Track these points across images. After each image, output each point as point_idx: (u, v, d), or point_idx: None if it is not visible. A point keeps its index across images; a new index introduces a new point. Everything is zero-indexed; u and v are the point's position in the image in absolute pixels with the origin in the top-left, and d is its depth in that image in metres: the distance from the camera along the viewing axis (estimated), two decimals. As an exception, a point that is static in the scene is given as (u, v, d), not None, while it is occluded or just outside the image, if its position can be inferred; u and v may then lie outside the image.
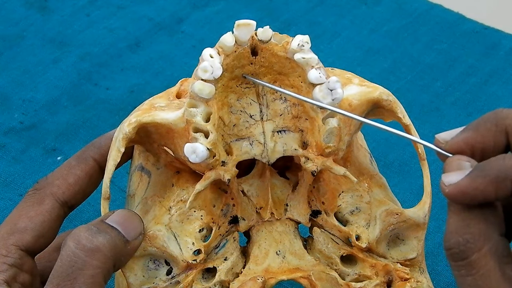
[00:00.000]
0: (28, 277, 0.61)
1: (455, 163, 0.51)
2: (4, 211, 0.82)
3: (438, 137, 0.53)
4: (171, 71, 0.96)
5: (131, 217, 0.60)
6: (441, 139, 0.53)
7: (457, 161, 0.51)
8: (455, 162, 0.51)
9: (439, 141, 0.53)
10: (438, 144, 0.53)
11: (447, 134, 0.53)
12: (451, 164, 0.52)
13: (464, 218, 0.50)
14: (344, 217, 0.63)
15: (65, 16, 1.02)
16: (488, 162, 0.50)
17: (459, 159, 0.51)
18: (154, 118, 0.59)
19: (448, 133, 0.53)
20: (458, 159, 0.51)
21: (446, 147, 0.52)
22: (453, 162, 0.52)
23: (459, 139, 0.52)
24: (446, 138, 0.53)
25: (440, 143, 0.53)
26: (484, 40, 1.00)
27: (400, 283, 0.63)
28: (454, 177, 0.50)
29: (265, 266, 0.62)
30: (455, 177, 0.50)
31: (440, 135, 0.53)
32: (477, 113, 0.92)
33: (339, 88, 0.58)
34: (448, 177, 0.51)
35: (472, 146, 0.52)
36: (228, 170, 0.60)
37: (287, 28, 1.01)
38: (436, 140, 0.53)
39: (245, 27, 0.58)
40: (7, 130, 0.90)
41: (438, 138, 0.53)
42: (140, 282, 0.61)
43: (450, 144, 0.52)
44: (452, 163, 0.52)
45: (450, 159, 0.52)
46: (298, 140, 0.61)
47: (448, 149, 0.52)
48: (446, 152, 0.52)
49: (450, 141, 0.52)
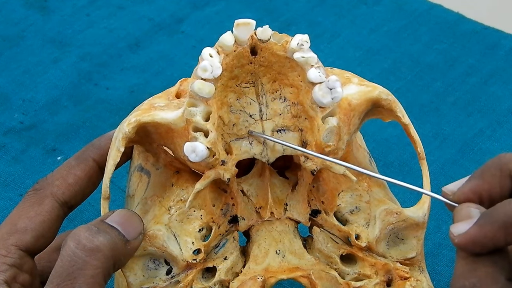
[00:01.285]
0: (28, 277, 0.61)
1: (463, 211, 0.52)
2: (4, 211, 0.82)
3: (445, 189, 0.54)
4: (171, 71, 0.96)
5: (131, 217, 0.60)
6: (448, 191, 0.53)
7: (465, 209, 0.52)
8: (464, 210, 0.52)
9: (446, 193, 0.53)
10: (446, 195, 0.53)
11: (454, 185, 0.53)
12: (460, 213, 0.52)
13: (472, 262, 0.51)
14: (343, 216, 0.63)
15: (65, 16, 1.02)
16: (495, 208, 0.50)
17: (468, 206, 0.52)
18: (154, 118, 0.59)
19: (455, 184, 0.54)
20: (466, 207, 0.52)
21: (454, 198, 0.53)
22: (462, 210, 0.52)
23: (466, 189, 0.52)
24: (453, 189, 0.53)
25: (447, 194, 0.53)
26: (484, 40, 1.00)
27: (399, 282, 0.63)
28: (463, 227, 0.51)
29: (265, 266, 0.62)
30: (464, 226, 0.51)
31: (447, 187, 0.54)
32: (477, 113, 0.92)
33: (338, 87, 0.58)
34: (457, 227, 0.51)
35: (479, 194, 0.52)
36: (228, 170, 0.60)
37: (287, 28, 1.01)
38: (443, 192, 0.54)
39: (245, 27, 0.58)
40: (7, 130, 0.90)
41: (445, 190, 0.54)
42: (140, 281, 0.61)
43: (458, 194, 0.53)
44: (461, 211, 0.52)
45: (458, 208, 0.52)
46: (297, 140, 0.61)
47: (455, 199, 0.53)
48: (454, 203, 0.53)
49: (457, 192, 0.53)
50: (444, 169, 0.86)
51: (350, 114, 0.60)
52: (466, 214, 0.51)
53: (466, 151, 0.88)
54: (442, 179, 0.84)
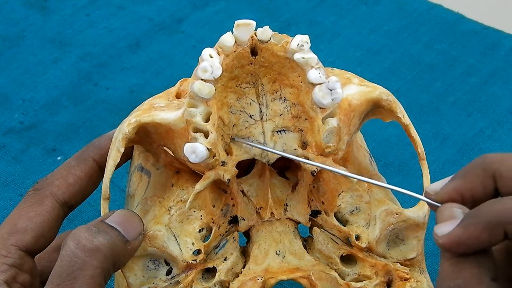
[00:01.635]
0: (28, 277, 0.61)
1: (446, 211, 0.51)
2: (4, 211, 0.82)
3: (427, 189, 0.53)
4: (171, 71, 0.96)
5: (131, 217, 0.60)
6: (431, 191, 0.53)
7: (448, 209, 0.51)
8: (447, 210, 0.51)
9: (429, 193, 0.53)
10: (429, 195, 0.53)
11: (437, 184, 0.53)
12: (443, 213, 0.52)
13: (457, 263, 0.50)
14: (343, 217, 0.63)
15: (65, 16, 1.02)
16: (478, 208, 0.50)
17: (450, 206, 0.51)
18: (154, 118, 0.59)
19: (438, 183, 0.53)
20: (449, 207, 0.52)
21: (437, 198, 0.53)
22: (445, 211, 0.52)
23: (449, 189, 0.52)
24: (436, 189, 0.53)
25: (430, 194, 0.53)
26: (484, 40, 1.00)
27: (400, 283, 0.63)
28: (447, 227, 0.50)
29: (265, 266, 0.62)
30: (448, 227, 0.50)
31: (429, 187, 0.53)
32: (477, 113, 0.92)
33: (338, 88, 0.58)
34: (441, 228, 0.51)
35: (462, 194, 0.52)
36: (228, 170, 0.60)
37: (287, 28, 1.01)
38: (426, 192, 0.54)
39: (245, 27, 0.58)
40: (7, 130, 0.90)
41: (428, 190, 0.53)
42: (140, 282, 0.61)
43: (440, 194, 0.53)
44: (444, 212, 0.52)
45: (441, 208, 0.52)
46: (297, 140, 0.61)
47: (438, 199, 0.53)
48: (437, 203, 0.53)
49: (440, 191, 0.53)
50: (444, 169, 0.86)
51: (351, 115, 0.60)
52: (449, 215, 0.51)
53: (466, 151, 0.88)
54: (442, 179, 0.84)
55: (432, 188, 0.53)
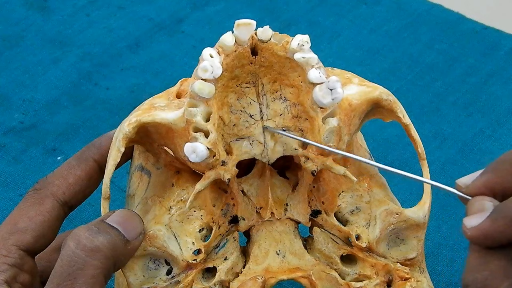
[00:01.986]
0: (28, 277, 0.61)
1: (476, 204, 0.51)
2: (4, 211, 0.82)
3: (458, 182, 0.53)
4: (171, 71, 0.96)
5: (131, 217, 0.60)
6: (462, 184, 0.53)
7: (478, 202, 0.51)
8: (477, 203, 0.51)
9: (460, 186, 0.53)
10: (459, 188, 0.53)
11: (467, 178, 0.53)
12: (473, 206, 0.52)
13: (484, 255, 0.50)
14: (344, 216, 0.63)
15: (65, 16, 1.02)
16: (508, 201, 0.50)
17: (481, 199, 0.52)
18: (154, 118, 0.59)
19: (468, 177, 0.53)
20: (480, 200, 0.52)
21: (467, 191, 0.53)
22: (475, 203, 0.52)
23: (479, 183, 0.52)
24: (466, 183, 0.53)
25: (460, 187, 0.53)
26: (484, 40, 1.00)
27: (400, 283, 0.63)
28: (475, 220, 0.50)
29: (265, 266, 0.62)
30: (476, 220, 0.50)
31: (460, 180, 0.53)
32: (477, 113, 0.92)
33: (339, 88, 0.58)
34: (469, 220, 0.51)
35: (492, 188, 0.52)
36: (228, 170, 0.60)
37: (287, 28, 1.01)
38: (457, 185, 0.53)
39: (245, 27, 0.58)
40: (7, 130, 0.90)
41: (459, 183, 0.53)
42: (140, 282, 0.61)
43: (471, 188, 0.53)
44: (474, 204, 0.52)
45: (472, 200, 0.52)
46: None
47: (469, 193, 0.53)
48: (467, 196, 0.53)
49: (470, 185, 0.53)
50: (444, 169, 0.86)
51: (351, 115, 0.60)
52: (480, 207, 0.51)
53: (466, 151, 0.88)
54: (443, 179, 0.84)
55: (463, 181, 0.53)
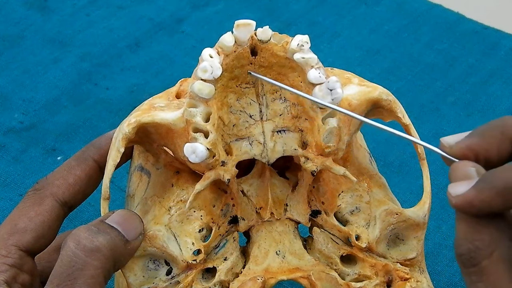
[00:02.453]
0: (28, 277, 0.61)
1: (461, 169, 0.51)
2: (4, 211, 0.82)
3: (443, 141, 0.52)
4: (171, 71, 0.96)
5: (131, 217, 0.60)
6: (446, 143, 0.52)
7: (463, 167, 0.51)
8: (461, 169, 0.51)
9: (444, 145, 0.52)
10: (443, 148, 0.52)
11: (452, 138, 0.52)
12: (457, 170, 0.51)
13: (474, 224, 0.50)
14: (344, 217, 0.63)
15: (65, 16, 1.02)
16: (494, 172, 0.49)
17: (465, 165, 0.51)
18: (154, 118, 0.59)
19: (453, 137, 0.52)
20: (464, 165, 0.51)
21: (451, 152, 0.52)
22: (459, 169, 0.51)
23: (464, 145, 0.51)
24: (450, 143, 0.52)
25: (444, 147, 0.52)
26: (484, 40, 1.00)
27: (400, 283, 0.63)
28: (461, 188, 0.50)
29: (265, 266, 0.62)
30: (462, 188, 0.50)
31: (445, 139, 0.52)
32: (477, 113, 0.92)
33: (338, 88, 0.58)
34: (455, 187, 0.50)
35: (476, 152, 0.51)
36: (228, 170, 0.60)
37: (287, 28, 1.01)
38: (441, 144, 0.52)
39: (245, 27, 0.58)
40: (7, 130, 0.90)
41: (443, 141, 0.52)
42: (140, 282, 0.61)
43: (455, 149, 0.52)
44: (458, 169, 0.51)
45: (456, 165, 0.51)
46: (297, 140, 0.61)
47: (452, 153, 0.52)
48: (451, 157, 0.52)
49: (454, 146, 0.52)
50: (444, 169, 0.85)
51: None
52: (464, 173, 0.50)
53: (466, 151, 0.88)
54: (443, 179, 0.84)
55: (447, 140, 0.52)
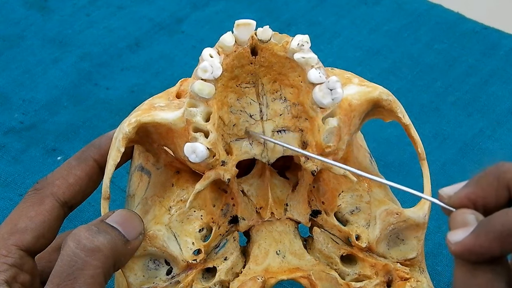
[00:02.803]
0: (28, 277, 0.61)
1: (459, 218, 0.51)
2: (4, 211, 0.82)
3: (441, 192, 0.53)
4: (171, 71, 0.96)
5: (131, 217, 0.60)
6: (445, 194, 0.53)
7: (461, 215, 0.51)
8: (460, 216, 0.51)
9: (443, 196, 0.53)
10: (442, 199, 0.53)
11: (450, 189, 0.53)
12: (456, 218, 0.51)
13: (471, 269, 0.50)
14: (344, 217, 0.63)
15: (65, 16, 1.02)
16: (491, 218, 0.50)
17: (463, 213, 0.51)
18: (154, 118, 0.59)
19: (451, 188, 0.53)
20: (462, 213, 0.51)
21: (449, 202, 0.53)
22: (458, 216, 0.51)
23: (462, 195, 0.52)
24: (449, 193, 0.53)
25: (443, 198, 0.53)
26: (484, 40, 1.00)
27: (400, 283, 0.63)
28: (459, 235, 0.50)
29: (265, 266, 0.62)
30: (460, 235, 0.50)
31: (443, 190, 0.53)
32: (477, 113, 0.92)
33: (339, 88, 0.58)
34: (453, 235, 0.51)
35: (474, 201, 0.52)
36: (228, 170, 0.60)
37: (287, 28, 1.01)
38: (440, 195, 0.53)
39: (245, 27, 0.58)
40: (7, 130, 0.90)
41: (442, 193, 0.53)
42: (140, 282, 0.61)
43: (453, 199, 0.52)
44: (457, 217, 0.51)
45: (455, 213, 0.52)
46: (298, 140, 0.61)
47: (451, 204, 0.52)
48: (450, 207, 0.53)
49: (453, 196, 0.52)
50: (444, 169, 0.86)
51: (351, 115, 0.60)
52: (463, 221, 0.51)
53: (466, 151, 0.88)
54: (442, 179, 0.84)
55: (446, 191, 0.53)
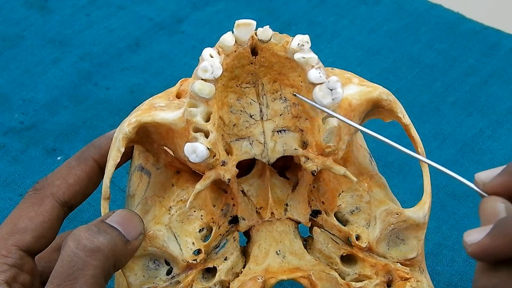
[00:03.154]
0: (28, 277, 0.61)
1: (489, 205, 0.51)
2: (4, 211, 0.82)
3: (477, 178, 0.53)
4: (171, 71, 0.96)
5: (131, 217, 0.60)
6: (479, 180, 0.52)
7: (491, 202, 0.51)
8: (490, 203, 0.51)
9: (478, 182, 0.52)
10: (477, 184, 0.53)
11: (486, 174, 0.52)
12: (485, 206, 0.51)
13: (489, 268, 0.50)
14: (344, 217, 0.63)
15: (65, 16, 1.02)
16: (508, 218, 0.49)
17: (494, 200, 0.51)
18: (154, 118, 0.59)
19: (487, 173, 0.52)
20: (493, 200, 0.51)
21: (484, 189, 0.52)
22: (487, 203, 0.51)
23: (497, 183, 0.52)
24: (484, 179, 0.52)
25: (478, 183, 0.52)
26: (484, 40, 1.00)
27: (400, 283, 0.63)
28: (475, 236, 0.50)
29: (265, 266, 0.62)
30: (476, 235, 0.50)
31: (478, 175, 0.53)
32: (477, 113, 0.92)
33: (339, 88, 0.58)
34: (470, 235, 0.50)
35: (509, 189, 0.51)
36: (228, 170, 0.60)
37: (287, 28, 1.01)
38: (475, 180, 0.53)
39: (245, 27, 0.58)
40: (7, 130, 0.90)
41: (477, 178, 0.53)
42: (140, 282, 0.61)
43: (488, 186, 0.52)
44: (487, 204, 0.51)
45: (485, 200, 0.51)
46: (298, 140, 0.61)
47: (485, 191, 0.52)
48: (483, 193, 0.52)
49: (488, 183, 0.52)
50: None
51: (351, 115, 0.60)
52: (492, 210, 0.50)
53: (466, 151, 0.88)
54: (442, 179, 0.84)
55: (481, 177, 0.52)
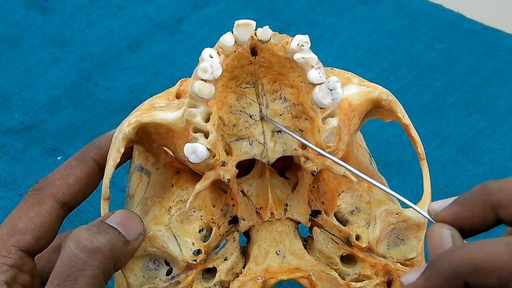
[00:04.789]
0: (28, 277, 0.61)
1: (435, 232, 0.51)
2: (4, 211, 0.82)
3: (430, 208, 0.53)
4: (171, 71, 0.96)
5: (131, 217, 0.60)
6: (432, 210, 0.53)
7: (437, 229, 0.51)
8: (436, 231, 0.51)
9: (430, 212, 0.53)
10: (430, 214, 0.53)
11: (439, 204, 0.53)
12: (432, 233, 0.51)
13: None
14: (344, 217, 0.63)
15: (65, 16, 1.02)
16: (439, 258, 0.49)
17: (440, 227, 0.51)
18: (154, 118, 0.59)
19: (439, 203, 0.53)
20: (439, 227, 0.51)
21: (436, 219, 0.52)
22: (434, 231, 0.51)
23: (448, 214, 0.52)
24: (436, 210, 0.52)
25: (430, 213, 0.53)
26: (484, 40, 1.00)
27: (400, 283, 0.63)
28: (411, 276, 0.50)
29: (265, 266, 0.62)
30: (412, 276, 0.50)
31: (432, 206, 0.53)
32: (477, 113, 0.92)
33: (339, 88, 0.58)
34: (406, 276, 0.50)
35: (460, 221, 0.51)
36: (228, 170, 0.60)
37: (287, 28, 1.01)
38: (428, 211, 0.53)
39: (245, 27, 0.58)
40: (7, 130, 0.90)
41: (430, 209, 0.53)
42: (140, 282, 0.61)
43: (439, 216, 0.52)
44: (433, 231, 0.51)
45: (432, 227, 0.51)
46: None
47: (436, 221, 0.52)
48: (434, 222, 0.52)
49: (439, 214, 0.52)
50: (444, 169, 0.86)
51: (351, 115, 0.60)
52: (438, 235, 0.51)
53: (466, 151, 0.88)
54: (442, 179, 0.84)
55: (434, 207, 0.53)
